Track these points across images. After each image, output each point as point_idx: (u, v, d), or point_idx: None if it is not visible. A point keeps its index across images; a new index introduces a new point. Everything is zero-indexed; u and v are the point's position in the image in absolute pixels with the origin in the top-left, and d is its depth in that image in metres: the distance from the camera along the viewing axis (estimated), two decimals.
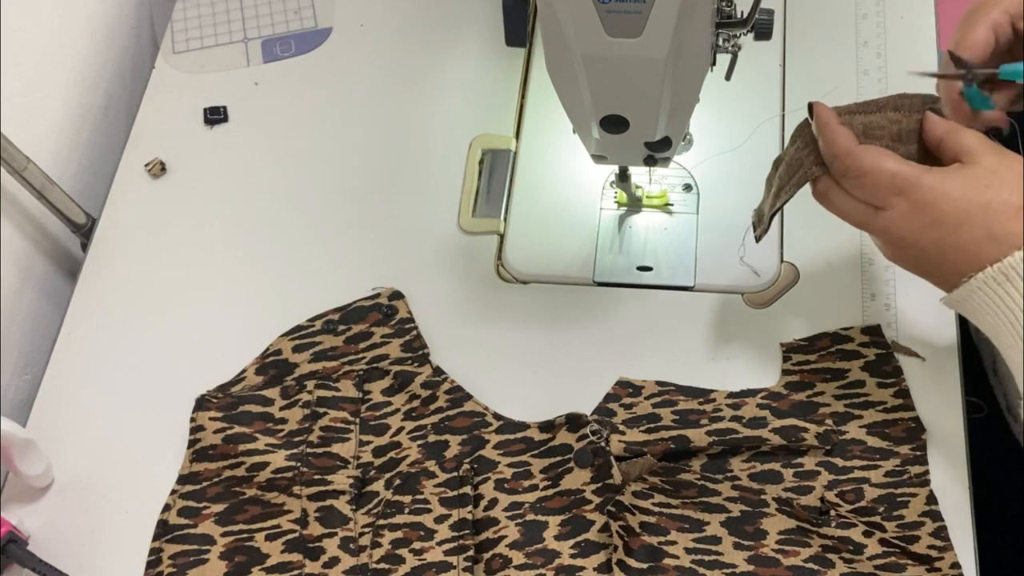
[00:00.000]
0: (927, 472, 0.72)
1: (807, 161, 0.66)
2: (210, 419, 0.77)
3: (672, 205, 0.84)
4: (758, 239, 0.71)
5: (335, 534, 0.72)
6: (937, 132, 0.63)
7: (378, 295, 0.82)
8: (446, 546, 0.71)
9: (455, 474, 0.74)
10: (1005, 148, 0.62)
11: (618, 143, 0.71)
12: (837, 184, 0.65)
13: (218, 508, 0.75)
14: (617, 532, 0.69)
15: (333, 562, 0.71)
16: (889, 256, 0.66)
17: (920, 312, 0.78)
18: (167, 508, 0.75)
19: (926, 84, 0.68)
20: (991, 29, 0.65)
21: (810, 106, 0.65)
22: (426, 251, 0.85)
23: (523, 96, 0.91)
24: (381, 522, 0.73)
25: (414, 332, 0.80)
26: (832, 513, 0.70)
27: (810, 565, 0.69)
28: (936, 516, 0.70)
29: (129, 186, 0.90)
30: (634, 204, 0.84)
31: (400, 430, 0.77)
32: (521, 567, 0.70)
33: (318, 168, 0.90)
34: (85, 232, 0.91)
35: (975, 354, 0.87)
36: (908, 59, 0.88)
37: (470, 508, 0.72)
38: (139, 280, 0.86)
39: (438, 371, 0.78)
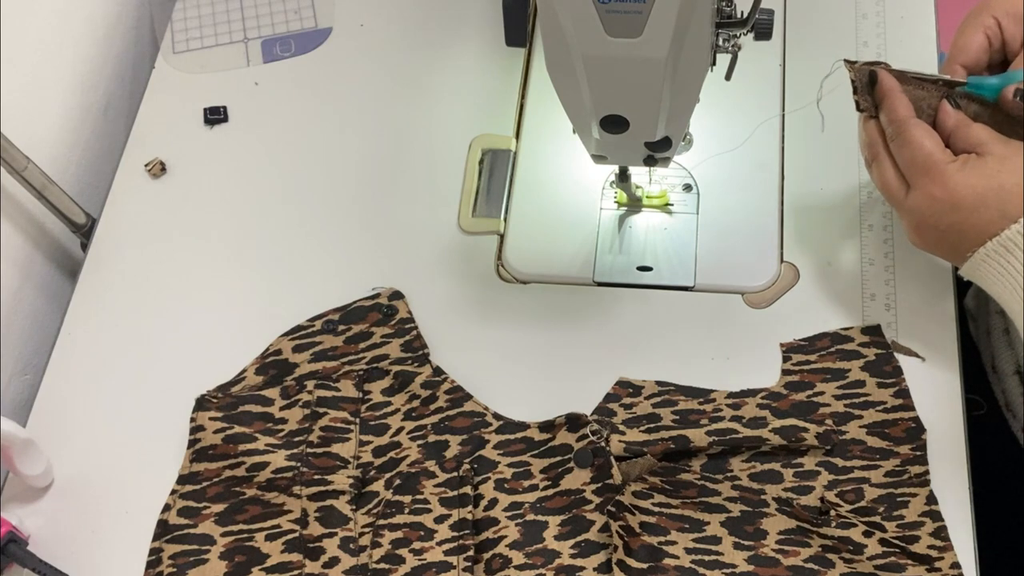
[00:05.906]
0: (927, 472, 0.71)
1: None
2: (210, 419, 0.77)
3: (672, 205, 0.84)
4: (861, 109, 0.72)
5: (335, 534, 0.72)
6: (948, 124, 0.70)
7: (378, 295, 0.82)
8: (446, 546, 0.71)
9: (455, 474, 0.74)
10: (1009, 138, 0.68)
11: (618, 143, 0.71)
12: (886, 148, 0.70)
13: (218, 508, 0.75)
14: (617, 532, 0.69)
15: (333, 562, 0.71)
16: (913, 239, 0.71)
17: (920, 312, 0.78)
18: (167, 508, 0.75)
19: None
20: (984, 33, 0.70)
21: (873, 72, 0.71)
22: (426, 251, 0.85)
23: (523, 96, 0.91)
24: (381, 522, 0.73)
25: (414, 332, 0.80)
26: (832, 513, 0.70)
27: (810, 565, 0.69)
28: (936, 516, 0.70)
29: (129, 186, 0.90)
30: (634, 204, 0.84)
31: (400, 430, 0.77)
32: (521, 567, 0.71)
33: (318, 168, 0.90)
34: (85, 232, 0.91)
35: (975, 354, 0.87)
36: (908, 59, 0.88)
37: (470, 508, 0.72)
38: (139, 280, 0.86)
39: (438, 371, 0.78)
